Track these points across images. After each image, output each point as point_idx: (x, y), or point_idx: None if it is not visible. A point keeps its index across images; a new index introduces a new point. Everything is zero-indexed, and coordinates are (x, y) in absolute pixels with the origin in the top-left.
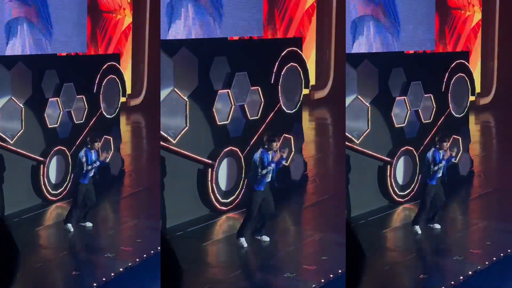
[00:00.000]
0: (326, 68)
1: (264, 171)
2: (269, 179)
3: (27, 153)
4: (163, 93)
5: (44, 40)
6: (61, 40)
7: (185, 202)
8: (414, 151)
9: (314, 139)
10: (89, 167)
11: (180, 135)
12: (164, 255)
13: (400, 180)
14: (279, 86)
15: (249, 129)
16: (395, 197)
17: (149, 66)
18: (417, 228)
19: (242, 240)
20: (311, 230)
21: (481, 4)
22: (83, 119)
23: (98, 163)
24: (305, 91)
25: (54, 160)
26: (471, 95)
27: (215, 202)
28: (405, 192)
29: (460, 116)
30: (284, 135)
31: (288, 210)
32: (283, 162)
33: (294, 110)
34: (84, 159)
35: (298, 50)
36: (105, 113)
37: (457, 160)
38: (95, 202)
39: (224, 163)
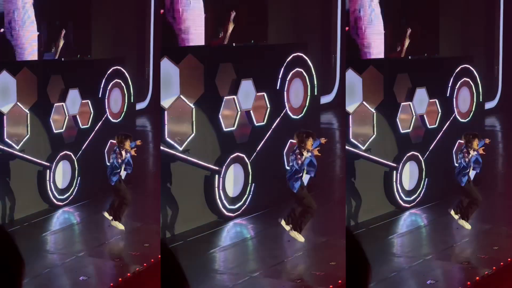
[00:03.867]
0: (332, 73)
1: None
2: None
3: (33, 159)
4: (168, 101)
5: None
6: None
7: (192, 209)
8: (420, 156)
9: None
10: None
11: (186, 142)
12: (168, 262)
13: (406, 185)
14: (285, 92)
15: (255, 135)
16: (402, 202)
17: (155, 70)
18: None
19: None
20: (319, 235)
21: (486, 7)
22: (89, 124)
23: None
24: (311, 97)
25: (60, 165)
26: (476, 99)
27: (222, 208)
28: (412, 198)
29: (465, 120)
30: (291, 140)
31: None
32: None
33: (300, 116)
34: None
35: (304, 55)
36: (110, 118)
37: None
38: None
39: (231, 169)
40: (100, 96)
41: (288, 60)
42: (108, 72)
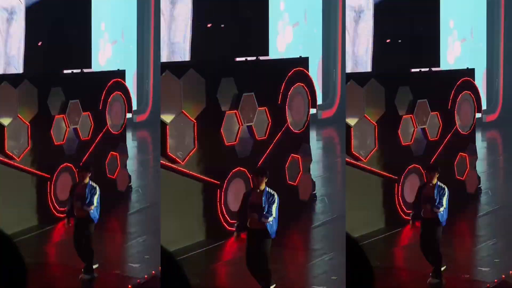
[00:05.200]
0: (333, 87)
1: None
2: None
3: (34, 170)
4: (170, 116)
5: None
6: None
7: (194, 223)
8: (422, 169)
9: (322, 159)
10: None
11: (188, 156)
12: (169, 277)
13: (407, 198)
14: (286, 106)
15: (257, 150)
16: (403, 215)
17: (155, 82)
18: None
19: None
20: (320, 250)
21: (487, 21)
22: (90, 136)
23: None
24: (312, 111)
25: (61, 177)
26: (477, 112)
27: (224, 223)
28: None
29: (466, 133)
30: (292, 155)
31: (297, 230)
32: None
33: (301, 130)
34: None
35: (305, 70)
36: (111, 130)
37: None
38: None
39: (233, 184)
40: (100, 108)
41: (289, 74)
42: (109, 84)
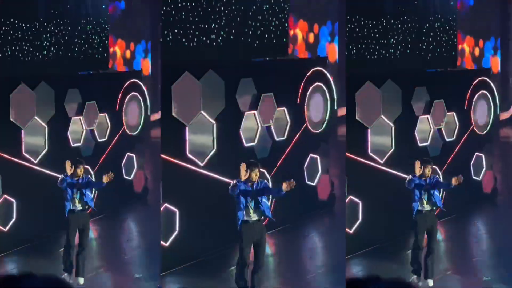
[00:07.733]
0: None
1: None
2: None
3: (51, 173)
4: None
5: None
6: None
7: (213, 225)
8: (438, 170)
9: None
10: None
11: (208, 158)
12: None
13: None
14: (305, 106)
15: (276, 150)
16: None
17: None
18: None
19: None
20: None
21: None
22: (106, 137)
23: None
24: (331, 111)
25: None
26: (494, 111)
27: None
28: None
29: (483, 133)
30: (311, 155)
31: (317, 230)
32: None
33: (320, 130)
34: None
35: (324, 70)
36: (127, 131)
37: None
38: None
39: None
40: (117, 109)
41: (308, 74)
42: (125, 85)
